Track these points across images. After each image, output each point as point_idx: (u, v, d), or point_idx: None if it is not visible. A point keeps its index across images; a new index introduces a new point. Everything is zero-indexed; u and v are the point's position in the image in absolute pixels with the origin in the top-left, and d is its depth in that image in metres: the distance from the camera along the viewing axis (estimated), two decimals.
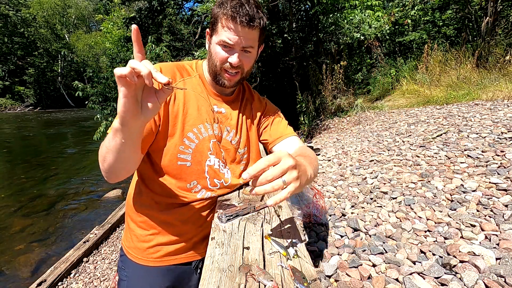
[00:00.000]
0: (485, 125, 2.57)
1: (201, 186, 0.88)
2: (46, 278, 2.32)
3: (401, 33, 8.08)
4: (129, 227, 0.94)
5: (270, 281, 0.52)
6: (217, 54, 0.80)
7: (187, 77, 0.88)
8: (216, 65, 0.82)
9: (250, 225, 0.75)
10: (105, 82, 4.71)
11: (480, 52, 5.20)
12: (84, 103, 4.73)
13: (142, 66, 0.51)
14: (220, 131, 0.90)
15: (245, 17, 0.74)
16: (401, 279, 1.19)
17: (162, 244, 0.89)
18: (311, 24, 7.06)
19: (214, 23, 0.79)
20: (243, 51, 0.80)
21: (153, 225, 0.89)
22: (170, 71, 0.85)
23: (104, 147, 0.66)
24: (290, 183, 0.56)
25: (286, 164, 0.55)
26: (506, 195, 1.53)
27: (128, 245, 0.93)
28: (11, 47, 25.32)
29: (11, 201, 4.46)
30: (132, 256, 0.91)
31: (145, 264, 0.89)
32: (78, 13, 37.03)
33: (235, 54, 0.79)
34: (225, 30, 0.76)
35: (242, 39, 0.77)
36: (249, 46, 0.79)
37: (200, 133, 0.86)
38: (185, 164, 0.85)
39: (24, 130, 13.25)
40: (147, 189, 0.89)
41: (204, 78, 0.91)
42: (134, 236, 0.91)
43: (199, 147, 0.86)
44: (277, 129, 1.00)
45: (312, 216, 1.86)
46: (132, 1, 8.46)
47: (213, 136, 0.88)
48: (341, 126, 5.24)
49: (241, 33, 0.76)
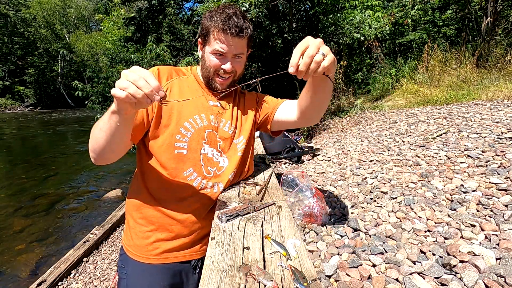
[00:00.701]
0: (485, 125, 2.56)
1: (197, 173, 0.92)
2: (46, 278, 2.32)
3: (401, 33, 8.08)
4: (128, 225, 0.95)
5: (270, 281, 0.52)
6: (211, 62, 0.88)
7: (183, 76, 0.96)
8: (210, 70, 0.91)
9: (250, 225, 0.75)
10: (105, 82, 4.70)
11: (480, 52, 5.20)
12: (84, 103, 4.72)
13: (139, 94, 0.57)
14: (217, 121, 0.96)
15: (235, 28, 0.82)
16: (401, 279, 1.19)
17: (161, 240, 0.91)
18: (311, 24, 7.06)
19: (206, 35, 0.87)
20: (235, 57, 0.89)
21: (152, 221, 0.91)
22: (167, 72, 0.93)
23: (97, 129, 0.71)
24: (327, 54, 0.64)
25: (317, 41, 0.64)
26: (506, 195, 1.53)
27: (128, 243, 0.94)
28: (11, 47, 25.31)
29: (11, 201, 4.46)
30: (131, 254, 0.92)
31: (145, 262, 0.90)
32: (78, 13, 37.01)
33: (228, 62, 0.88)
34: (217, 42, 0.85)
35: (233, 48, 0.86)
36: (240, 53, 0.88)
37: (195, 123, 0.92)
38: (182, 152, 0.89)
39: (24, 130, 13.24)
40: (146, 184, 0.92)
41: (198, 78, 0.99)
42: (133, 234, 0.93)
43: (194, 136, 0.91)
44: (273, 100, 1.10)
45: (312, 216, 1.86)
46: (132, 1, 8.46)
47: (208, 126, 0.94)
48: (341, 126, 5.24)
49: (232, 43, 0.84)
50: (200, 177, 0.92)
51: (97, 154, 0.76)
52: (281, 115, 1.06)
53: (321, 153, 3.67)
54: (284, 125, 1.09)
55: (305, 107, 0.93)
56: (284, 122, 1.06)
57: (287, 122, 1.06)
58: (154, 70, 0.91)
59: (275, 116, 1.07)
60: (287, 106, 1.05)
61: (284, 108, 1.06)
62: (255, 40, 7.12)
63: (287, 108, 1.05)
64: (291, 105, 1.03)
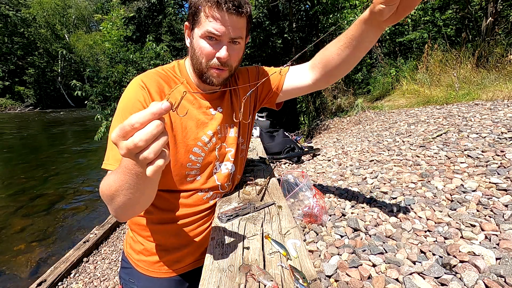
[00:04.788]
0: (485, 125, 2.56)
1: (212, 191, 0.88)
2: (46, 278, 2.32)
3: (401, 33, 8.08)
4: (137, 241, 0.89)
5: (270, 281, 0.52)
6: (202, 50, 0.70)
7: (175, 87, 0.78)
8: (202, 62, 0.72)
9: (250, 225, 0.75)
10: (105, 82, 4.70)
11: (480, 52, 5.20)
12: (84, 103, 4.72)
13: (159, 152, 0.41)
14: (223, 131, 0.87)
15: (232, 2, 0.63)
16: (401, 279, 1.19)
17: (174, 255, 0.87)
18: (311, 24, 7.07)
19: (195, 13, 0.67)
20: (231, 42, 0.70)
21: (163, 238, 0.86)
22: (155, 85, 0.74)
23: (115, 184, 0.52)
24: None
25: None
26: (506, 195, 1.53)
27: (138, 258, 0.89)
28: (11, 47, 25.30)
29: (11, 201, 4.46)
30: (142, 269, 0.88)
31: (158, 276, 0.87)
32: (78, 13, 37.03)
33: (224, 47, 0.69)
34: (209, 20, 0.65)
35: (230, 29, 0.67)
36: (238, 36, 0.69)
37: (205, 145, 0.82)
38: (195, 178, 0.83)
39: (24, 130, 13.24)
40: (156, 207, 0.84)
41: (191, 82, 0.83)
42: (144, 250, 0.88)
43: (206, 159, 0.83)
44: (277, 71, 0.96)
45: (312, 216, 1.86)
46: (131, 0, 8.46)
47: (218, 142, 0.85)
48: (341, 126, 5.24)
49: (229, 22, 0.65)
50: (216, 194, 0.89)
51: (121, 214, 0.61)
52: (292, 82, 0.93)
53: (321, 153, 3.67)
54: (294, 93, 0.97)
55: (335, 63, 0.80)
56: (294, 90, 0.95)
57: (298, 89, 0.94)
58: (138, 88, 0.72)
59: (284, 85, 0.94)
60: (296, 71, 0.93)
61: (294, 74, 0.93)
62: (255, 40, 7.12)
63: (297, 73, 0.93)
64: (301, 69, 0.92)
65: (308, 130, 6.06)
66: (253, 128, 4.63)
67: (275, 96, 0.97)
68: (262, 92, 0.97)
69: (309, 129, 6.07)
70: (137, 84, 0.73)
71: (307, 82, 0.91)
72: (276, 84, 0.95)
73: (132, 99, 0.71)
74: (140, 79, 0.74)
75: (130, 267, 0.90)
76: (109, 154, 0.68)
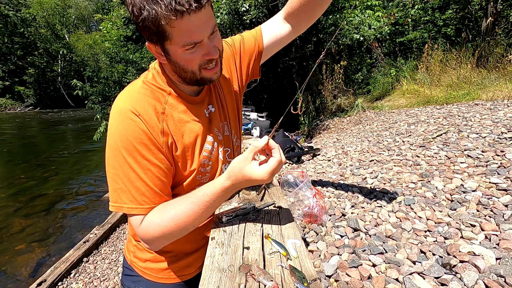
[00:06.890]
0: (485, 125, 2.56)
1: None
2: (46, 278, 2.32)
3: (401, 33, 8.08)
4: (143, 249, 0.86)
5: (270, 281, 0.52)
6: (191, 61, 0.67)
7: (165, 104, 0.73)
8: (193, 71, 0.69)
9: (250, 225, 0.75)
10: (105, 82, 4.70)
11: (480, 52, 5.20)
12: (84, 103, 4.72)
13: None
14: (221, 131, 0.86)
15: (189, 2, 0.57)
16: (401, 279, 1.19)
17: (184, 260, 0.87)
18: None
19: (158, 32, 0.61)
20: (211, 35, 0.66)
21: (175, 245, 0.83)
22: (147, 107, 0.70)
23: (200, 210, 0.68)
24: None
25: None
26: (506, 195, 1.53)
27: (145, 266, 0.87)
28: (11, 47, 25.30)
29: (11, 201, 4.46)
30: (150, 276, 0.87)
31: (167, 282, 0.87)
32: (78, 13, 37.03)
33: (208, 46, 0.66)
34: (182, 33, 0.61)
35: (205, 26, 0.63)
36: (213, 25, 0.65)
37: (210, 153, 0.81)
38: None
39: (24, 130, 13.24)
40: None
41: (179, 90, 0.76)
42: (153, 258, 0.87)
43: (214, 168, 0.84)
44: (249, 35, 0.92)
45: (312, 216, 1.86)
46: None
47: (219, 146, 0.85)
48: (341, 126, 5.25)
49: (200, 22, 0.61)
50: None
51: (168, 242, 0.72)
52: (270, 35, 0.90)
53: (321, 153, 3.67)
54: (276, 46, 0.93)
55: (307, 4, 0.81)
56: (275, 42, 0.92)
57: (279, 40, 0.91)
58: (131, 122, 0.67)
59: (264, 41, 0.90)
60: (271, 24, 0.91)
61: (269, 28, 0.90)
62: None
63: (273, 26, 0.90)
64: (275, 20, 0.90)
65: (308, 130, 6.06)
66: (253, 128, 4.64)
67: (259, 58, 0.93)
68: (243, 66, 0.92)
69: (309, 129, 6.07)
70: (127, 115, 0.67)
71: (285, 30, 0.89)
72: (255, 45, 0.90)
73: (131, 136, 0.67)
74: (129, 112, 0.67)
75: (136, 274, 0.88)
76: (127, 196, 0.67)
